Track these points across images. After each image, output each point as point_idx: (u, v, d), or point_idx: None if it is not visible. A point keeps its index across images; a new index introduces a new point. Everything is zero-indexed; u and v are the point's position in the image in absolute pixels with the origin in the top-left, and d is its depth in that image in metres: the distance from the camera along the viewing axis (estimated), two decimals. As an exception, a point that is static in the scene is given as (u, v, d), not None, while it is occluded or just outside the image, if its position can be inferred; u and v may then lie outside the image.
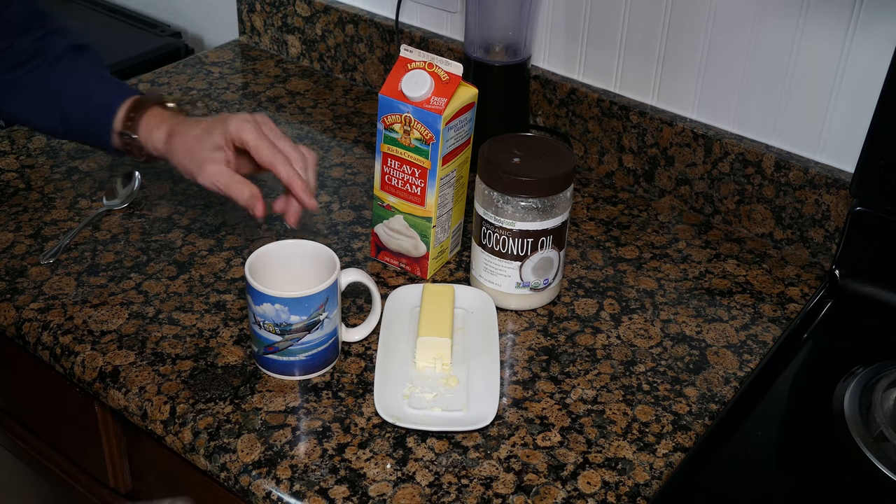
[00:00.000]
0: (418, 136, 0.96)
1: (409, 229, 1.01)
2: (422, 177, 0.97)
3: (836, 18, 1.01)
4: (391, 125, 0.97)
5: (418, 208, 0.99)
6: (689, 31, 1.12)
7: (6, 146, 1.23)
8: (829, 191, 1.06)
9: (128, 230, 1.09)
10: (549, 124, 1.27)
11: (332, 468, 0.81)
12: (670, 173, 1.17)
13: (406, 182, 0.99)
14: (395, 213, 1.01)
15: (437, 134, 0.94)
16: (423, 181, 0.98)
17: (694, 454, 0.84)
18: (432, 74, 0.95)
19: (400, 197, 1.00)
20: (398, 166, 0.98)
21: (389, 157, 0.99)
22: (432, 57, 0.96)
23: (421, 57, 0.96)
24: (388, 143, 0.98)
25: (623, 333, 0.98)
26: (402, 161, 0.98)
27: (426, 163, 0.96)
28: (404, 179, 0.99)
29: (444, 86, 0.95)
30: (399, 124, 0.96)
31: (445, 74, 0.95)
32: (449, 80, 0.95)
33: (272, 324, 0.86)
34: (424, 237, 1.01)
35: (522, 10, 1.15)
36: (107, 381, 0.90)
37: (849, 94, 1.04)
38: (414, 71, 0.96)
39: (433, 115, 0.94)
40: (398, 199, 1.00)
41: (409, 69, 0.96)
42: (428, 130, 0.95)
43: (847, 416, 0.86)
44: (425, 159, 0.96)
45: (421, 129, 0.95)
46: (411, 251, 1.02)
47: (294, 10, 1.45)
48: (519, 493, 0.80)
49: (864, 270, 1.00)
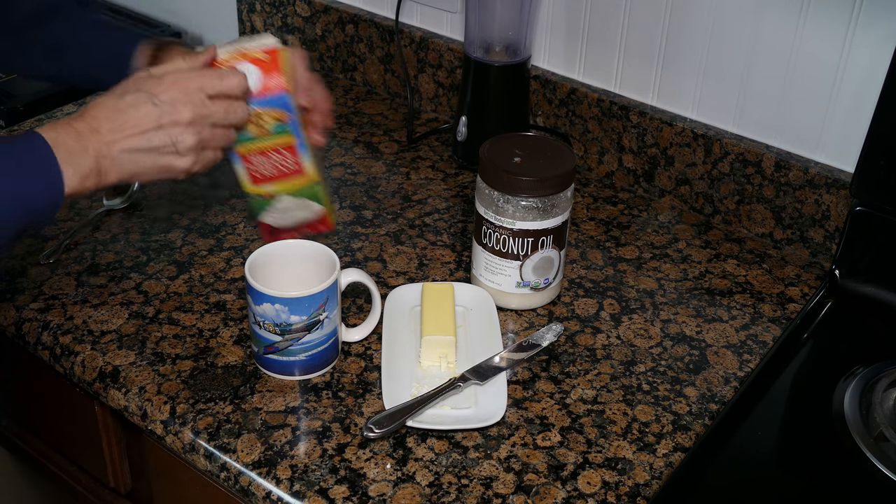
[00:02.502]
0: (272, 120, 0.91)
1: (298, 200, 0.98)
2: (292, 151, 0.94)
3: (836, 18, 1.01)
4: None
5: (300, 178, 0.96)
6: (689, 31, 1.12)
7: (6, 146, 1.23)
8: (829, 191, 1.06)
9: (128, 230, 1.09)
10: (549, 124, 1.27)
11: (332, 468, 0.81)
12: (670, 173, 1.17)
13: (278, 166, 0.95)
14: (277, 197, 0.98)
15: (291, 109, 0.91)
16: (295, 155, 0.94)
17: (694, 454, 0.84)
18: (253, 61, 0.91)
19: (277, 180, 0.96)
20: (264, 158, 0.94)
21: (252, 155, 0.94)
22: (239, 42, 0.92)
23: (230, 51, 0.91)
24: (245, 142, 0.93)
25: (623, 333, 0.98)
26: (266, 151, 0.94)
27: (292, 139, 0.93)
28: (276, 165, 0.95)
29: (269, 64, 0.91)
30: (251, 125, 0.92)
31: (263, 54, 0.91)
32: (270, 57, 0.91)
33: (272, 324, 0.86)
34: (315, 197, 0.98)
35: (522, 10, 1.15)
36: (107, 381, 0.90)
37: (849, 94, 1.04)
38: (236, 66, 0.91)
39: (279, 96, 0.90)
40: (276, 184, 0.96)
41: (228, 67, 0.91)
42: (281, 111, 0.91)
43: (847, 416, 0.86)
44: (289, 136, 0.92)
45: (273, 113, 0.91)
46: (309, 217, 1.00)
47: (294, 10, 1.45)
48: (519, 493, 0.80)
49: (864, 270, 1.00)
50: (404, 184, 1.20)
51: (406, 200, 1.17)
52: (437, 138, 1.30)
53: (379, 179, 1.21)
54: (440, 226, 1.12)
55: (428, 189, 1.19)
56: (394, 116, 1.36)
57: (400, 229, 1.12)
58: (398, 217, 1.14)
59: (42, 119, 1.29)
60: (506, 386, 0.88)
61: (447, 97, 1.34)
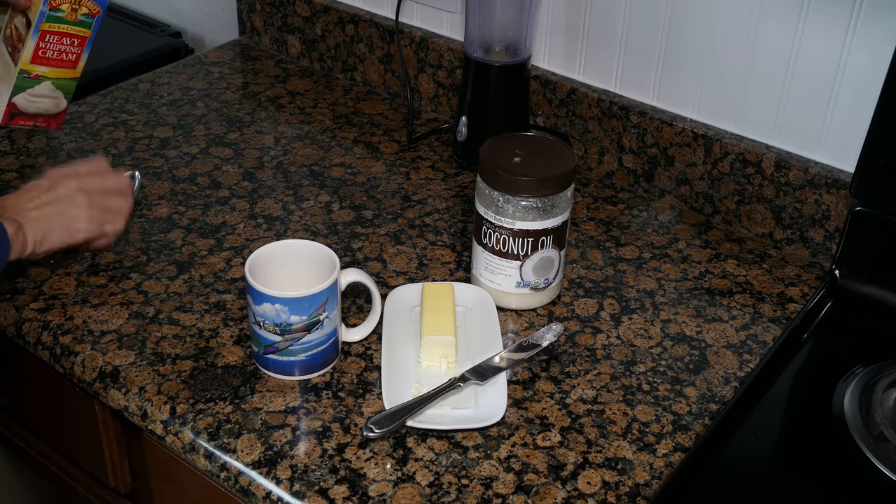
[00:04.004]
0: (86, 11, 1.00)
1: (54, 91, 1.06)
2: (80, 45, 1.03)
3: (836, 18, 1.01)
4: (59, 6, 0.99)
5: (69, 72, 1.05)
6: (689, 31, 1.12)
7: (6, 146, 1.23)
8: (829, 191, 1.06)
9: (128, 230, 1.09)
10: (549, 124, 1.27)
11: (332, 468, 0.81)
12: (670, 173, 1.17)
13: (62, 52, 1.02)
14: (42, 80, 1.04)
15: (104, 6, 1.00)
16: (81, 48, 1.03)
17: (694, 454, 0.84)
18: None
19: (52, 66, 1.03)
20: (57, 40, 1.01)
21: (49, 34, 1.01)
22: None
23: None
24: (52, 21, 1.00)
25: (623, 333, 0.98)
26: (62, 35, 1.01)
27: (87, 32, 1.02)
28: (61, 50, 1.02)
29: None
30: (67, 4, 0.99)
31: None
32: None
33: (272, 324, 0.86)
34: (68, 94, 1.06)
35: (522, 10, 1.15)
36: (107, 381, 0.90)
37: (849, 94, 1.04)
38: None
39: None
40: (49, 68, 1.03)
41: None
42: (96, 5, 1.00)
43: (847, 416, 0.86)
44: (87, 30, 1.01)
45: (90, 5, 0.99)
46: (51, 109, 1.07)
47: (294, 10, 1.45)
48: (519, 493, 0.80)
49: (864, 270, 1.00)
50: (404, 184, 1.20)
51: (406, 200, 1.17)
52: (437, 138, 1.30)
53: (379, 179, 1.21)
54: (440, 226, 1.12)
55: (428, 189, 1.19)
56: (394, 116, 1.36)
57: (400, 229, 1.12)
58: (398, 217, 1.14)
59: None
60: (506, 386, 0.88)
61: (447, 97, 1.34)
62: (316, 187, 1.18)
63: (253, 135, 1.29)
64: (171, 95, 1.37)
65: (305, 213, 1.13)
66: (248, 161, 1.23)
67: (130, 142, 1.26)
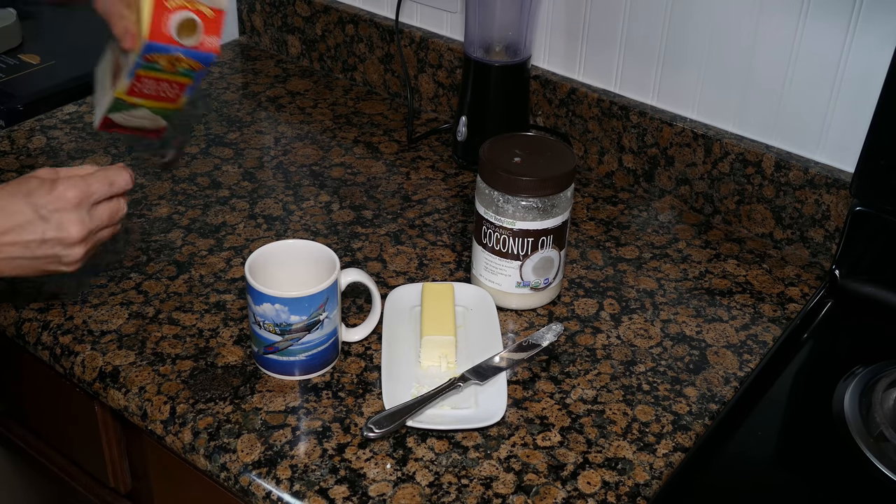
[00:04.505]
0: (186, 66, 0.93)
1: (153, 114, 1.00)
2: (181, 88, 0.97)
3: (836, 18, 1.01)
4: (155, 60, 0.93)
5: (169, 104, 0.99)
6: (689, 31, 1.12)
7: (6, 146, 1.23)
8: (829, 191, 1.06)
9: (128, 230, 1.09)
10: (549, 124, 1.27)
11: (332, 468, 0.81)
12: (670, 173, 1.17)
13: (160, 91, 0.97)
14: (139, 107, 0.99)
15: (209, 64, 0.94)
16: (182, 90, 0.97)
17: (694, 454, 0.84)
18: (198, 13, 0.91)
19: (149, 99, 0.97)
20: (154, 83, 0.95)
21: (145, 78, 0.95)
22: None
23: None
24: (148, 69, 0.94)
25: (623, 333, 0.98)
26: (160, 80, 0.95)
27: (188, 80, 0.96)
28: (159, 89, 0.96)
29: (213, 23, 0.92)
30: (165, 61, 0.93)
31: (210, 11, 0.92)
32: (216, 16, 0.92)
33: (272, 324, 0.86)
34: (167, 117, 1.01)
35: (522, 10, 1.15)
36: (107, 381, 0.90)
37: (849, 94, 1.03)
38: (179, 13, 0.91)
39: (207, 54, 0.92)
40: (145, 100, 0.98)
41: (172, 9, 0.91)
42: (199, 63, 0.93)
43: (847, 416, 0.86)
44: (188, 79, 0.95)
45: (192, 62, 0.93)
46: (149, 126, 1.02)
47: (294, 9, 1.45)
48: (519, 493, 0.80)
49: (864, 270, 1.00)
50: (404, 184, 1.20)
51: (406, 200, 1.17)
52: (437, 138, 1.30)
53: (379, 179, 1.21)
54: (440, 226, 1.12)
55: (428, 189, 1.19)
56: (394, 116, 1.36)
57: (400, 229, 1.12)
58: (398, 217, 1.14)
59: (42, 118, 1.29)
60: (506, 386, 0.88)
61: (447, 97, 1.34)
62: (316, 187, 1.18)
63: (253, 135, 1.29)
64: None
65: (305, 213, 1.13)
66: (248, 161, 1.23)
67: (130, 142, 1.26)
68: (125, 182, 0.84)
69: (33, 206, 0.79)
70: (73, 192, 0.80)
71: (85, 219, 0.81)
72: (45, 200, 0.79)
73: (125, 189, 0.85)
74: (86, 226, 0.81)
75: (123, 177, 0.84)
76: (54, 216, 0.79)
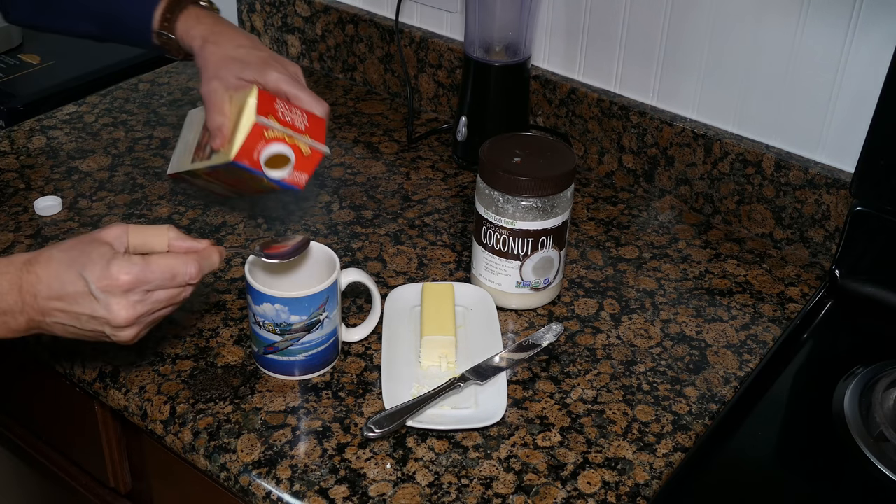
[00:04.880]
0: (269, 186, 0.95)
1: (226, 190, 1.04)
2: (259, 192, 1.00)
3: (836, 18, 1.01)
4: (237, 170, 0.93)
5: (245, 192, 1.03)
6: (689, 31, 1.12)
7: (6, 146, 1.23)
8: (829, 191, 1.06)
9: (128, 230, 1.09)
10: (549, 124, 1.27)
11: (332, 468, 0.81)
12: (670, 173, 1.17)
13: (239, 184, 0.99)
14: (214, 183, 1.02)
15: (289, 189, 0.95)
16: (260, 193, 1.01)
17: (694, 454, 0.84)
18: (295, 148, 0.91)
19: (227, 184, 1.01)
20: (236, 178, 0.96)
21: (226, 172, 0.95)
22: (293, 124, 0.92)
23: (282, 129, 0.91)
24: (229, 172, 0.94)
25: (623, 333, 0.98)
26: (242, 179, 0.96)
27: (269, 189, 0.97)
28: (239, 182, 0.98)
29: (307, 162, 0.93)
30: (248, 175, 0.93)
31: (309, 150, 0.92)
32: (312, 156, 0.93)
33: (272, 324, 0.86)
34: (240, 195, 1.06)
35: (522, 11, 1.15)
36: (107, 381, 0.90)
37: (849, 94, 1.04)
38: (275, 145, 0.91)
39: (291, 186, 0.94)
40: (223, 184, 1.01)
41: (269, 139, 0.90)
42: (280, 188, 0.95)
43: (847, 416, 0.86)
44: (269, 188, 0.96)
45: (273, 186, 0.95)
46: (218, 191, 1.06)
47: (294, 10, 1.45)
48: (519, 493, 0.80)
49: (864, 270, 1.00)
50: (404, 184, 1.20)
51: (406, 200, 1.17)
52: (437, 138, 1.30)
53: (379, 179, 1.21)
54: (440, 226, 1.12)
55: (428, 189, 1.19)
56: (394, 116, 1.36)
57: (400, 229, 1.12)
58: (398, 217, 1.14)
59: (42, 118, 1.29)
60: (506, 386, 0.88)
61: (447, 97, 1.34)
62: (316, 187, 1.18)
63: (253, 135, 1.29)
64: (171, 95, 1.37)
65: (305, 213, 1.13)
66: (248, 161, 1.23)
67: (130, 142, 1.26)
68: (189, 277, 0.78)
69: (86, 282, 0.75)
70: (126, 278, 0.75)
71: (136, 304, 0.76)
72: (97, 278, 0.75)
73: (187, 283, 0.78)
74: (136, 311, 0.76)
75: (189, 271, 0.78)
76: (103, 297, 0.75)
